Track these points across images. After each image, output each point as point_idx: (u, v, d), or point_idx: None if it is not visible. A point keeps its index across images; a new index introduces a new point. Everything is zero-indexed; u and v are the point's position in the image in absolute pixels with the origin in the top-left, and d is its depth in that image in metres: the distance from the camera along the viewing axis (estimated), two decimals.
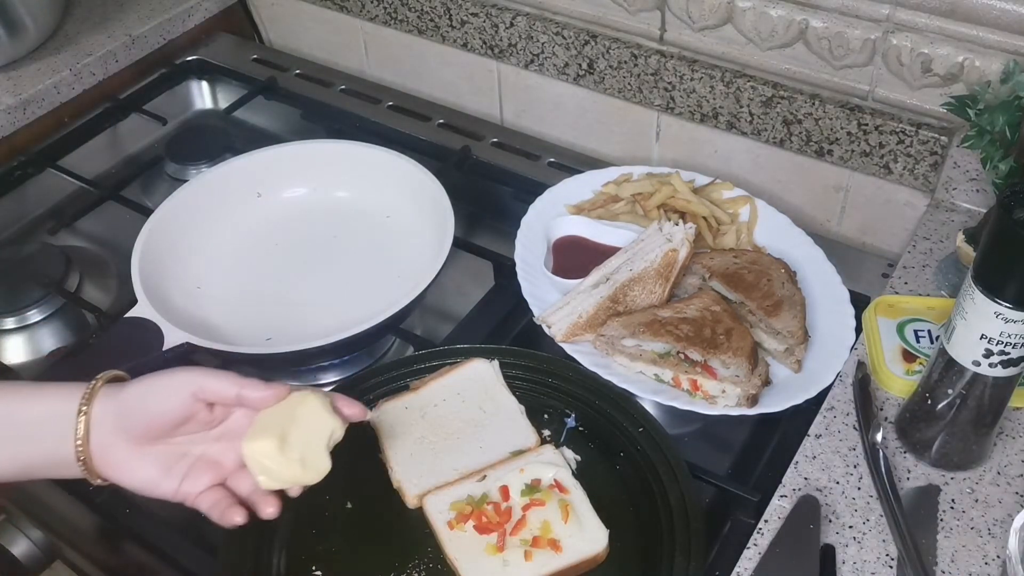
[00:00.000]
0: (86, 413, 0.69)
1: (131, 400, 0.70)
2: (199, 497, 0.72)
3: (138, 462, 0.70)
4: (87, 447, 0.69)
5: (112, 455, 0.70)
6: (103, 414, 0.69)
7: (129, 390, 0.71)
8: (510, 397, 0.92)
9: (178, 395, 0.69)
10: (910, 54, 1.00)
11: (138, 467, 0.70)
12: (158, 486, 0.71)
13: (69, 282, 1.14)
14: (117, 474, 0.70)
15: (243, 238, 1.16)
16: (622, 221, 1.09)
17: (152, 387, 0.70)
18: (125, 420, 0.69)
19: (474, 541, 0.80)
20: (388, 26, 1.39)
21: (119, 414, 0.69)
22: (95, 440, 0.69)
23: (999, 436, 0.83)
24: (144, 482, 0.71)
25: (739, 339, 0.91)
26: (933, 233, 1.04)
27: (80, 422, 0.69)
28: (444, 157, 1.26)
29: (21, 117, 1.30)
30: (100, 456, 0.70)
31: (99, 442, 0.69)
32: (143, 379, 0.71)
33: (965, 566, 0.75)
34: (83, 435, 0.69)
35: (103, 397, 0.70)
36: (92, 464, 0.70)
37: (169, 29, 1.46)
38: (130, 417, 0.70)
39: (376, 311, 0.98)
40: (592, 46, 1.19)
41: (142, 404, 0.70)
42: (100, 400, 0.70)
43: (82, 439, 0.69)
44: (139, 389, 0.71)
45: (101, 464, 0.70)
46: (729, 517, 0.88)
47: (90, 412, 0.69)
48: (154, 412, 0.70)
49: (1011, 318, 0.68)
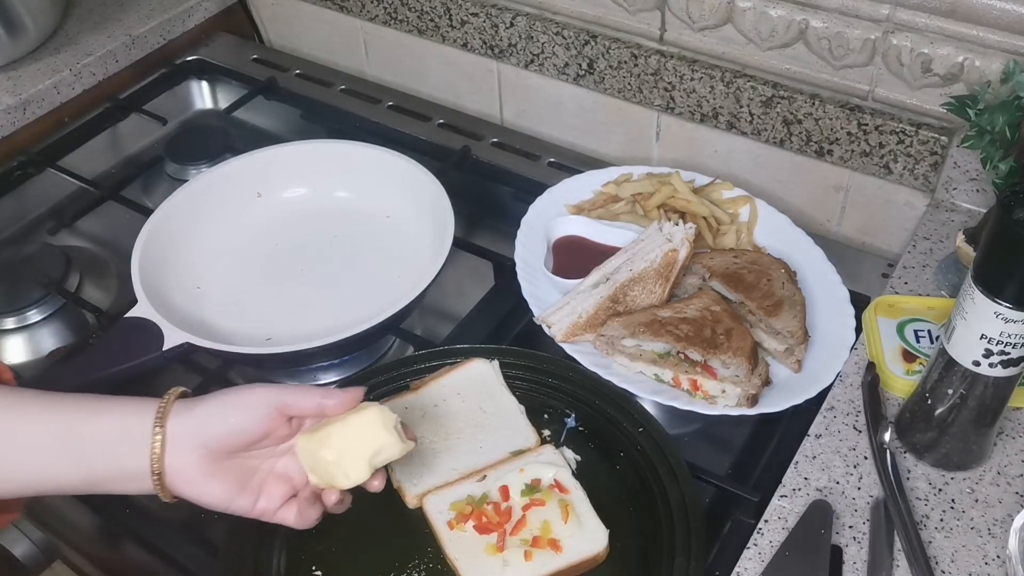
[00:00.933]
0: (162, 429, 0.69)
1: (211, 415, 0.70)
2: (279, 512, 0.73)
3: (212, 478, 0.70)
4: (162, 463, 0.69)
5: (186, 471, 0.69)
6: (178, 430, 0.69)
7: (206, 406, 0.71)
8: (510, 397, 0.92)
9: (261, 410, 0.70)
10: (910, 54, 1.00)
11: (213, 483, 0.70)
12: (232, 501, 0.71)
13: (69, 282, 1.14)
14: (191, 490, 0.70)
15: (243, 238, 1.16)
16: (622, 221, 1.09)
17: (233, 403, 0.71)
18: (203, 436, 0.69)
19: (474, 541, 0.80)
20: (388, 26, 1.39)
21: (196, 430, 0.69)
22: (170, 456, 0.69)
23: (999, 436, 0.83)
24: (218, 498, 0.71)
25: (739, 339, 0.91)
26: (933, 233, 1.04)
27: (156, 439, 0.68)
28: (444, 157, 1.26)
29: (21, 117, 1.30)
30: (174, 472, 0.69)
31: (174, 458, 0.69)
32: (221, 395, 0.72)
33: (965, 566, 0.75)
34: (159, 451, 0.68)
35: (177, 413, 0.70)
36: (165, 480, 0.69)
37: (169, 29, 1.46)
38: (209, 433, 0.70)
39: (376, 311, 0.98)
40: (592, 46, 1.19)
41: (223, 419, 0.70)
42: (174, 416, 0.70)
43: (158, 455, 0.68)
44: (219, 404, 0.71)
45: (174, 480, 0.70)
46: (729, 517, 0.88)
47: (165, 428, 0.69)
48: (236, 428, 0.70)
49: (1011, 318, 0.68)
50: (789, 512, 0.79)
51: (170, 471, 0.69)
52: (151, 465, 0.68)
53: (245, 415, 0.70)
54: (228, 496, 0.71)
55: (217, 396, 0.72)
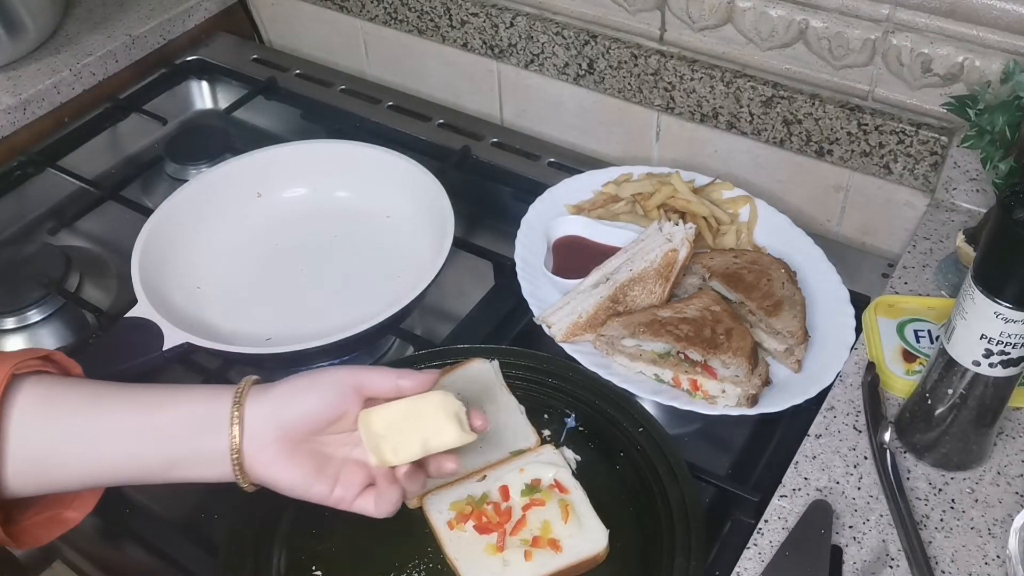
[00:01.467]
0: (240, 411, 0.70)
1: (286, 398, 0.71)
2: (357, 501, 0.73)
3: (290, 461, 0.70)
4: (240, 446, 0.69)
5: (264, 455, 0.70)
6: (255, 412, 0.70)
7: (282, 389, 0.71)
8: (510, 397, 0.92)
9: (336, 391, 0.71)
10: (910, 54, 1.00)
11: (290, 467, 0.70)
12: (310, 487, 0.71)
13: (69, 282, 1.14)
14: (268, 474, 0.70)
15: (243, 238, 1.16)
16: (622, 221, 1.09)
17: (308, 385, 0.71)
18: (279, 418, 0.70)
19: (474, 541, 0.80)
20: (388, 26, 1.39)
21: (273, 412, 0.70)
22: (248, 439, 0.69)
23: (999, 436, 0.83)
24: (296, 483, 0.71)
25: (739, 339, 0.91)
26: (933, 233, 1.04)
27: (235, 422, 0.69)
28: (444, 157, 1.26)
29: (21, 117, 1.30)
30: (252, 456, 0.70)
31: (251, 441, 0.70)
32: (296, 378, 0.72)
33: (965, 566, 0.75)
34: (238, 434, 0.69)
35: (253, 396, 0.71)
36: (244, 464, 0.70)
37: (169, 29, 1.46)
38: (285, 415, 0.70)
39: (376, 311, 0.98)
40: (592, 46, 1.19)
41: (299, 401, 0.71)
42: (251, 399, 0.70)
43: (236, 438, 0.69)
44: (294, 387, 0.71)
45: (253, 464, 0.70)
46: (729, 517, 0.88)
47: (243, 412, 0.70)
48: (311, 409, 0.70)
49: (1011, 318, 0.68)
50: (789, 512, 0.79)
51: (248, 454, 0.70)
52: (230, 448, 0.69)
53: (320, 396, 0.70)
54: (305, 481, 0.71)
55: (292, 379, 0.72)
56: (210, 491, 0.91)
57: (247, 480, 0.71)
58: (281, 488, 0.71)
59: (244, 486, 0.72)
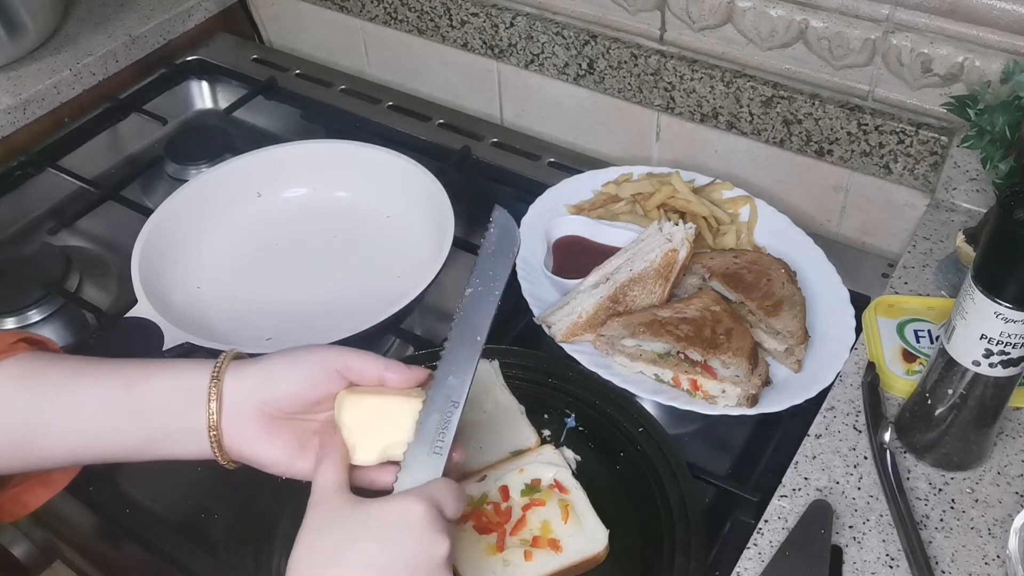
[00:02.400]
0: (218, 385, 0.68)
1: (268, 374, 0.69)
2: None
3: (270, 438, 0.68)
4: (219, 421, 0.68)
5: (245, 431, 0.68)
6: (234, 388, 0.68)
7: (264, 365, 0.69)
8: (510, 397, 0.92)
9: (319, 372, 0.68)
10: (910, 54, 1.00)
11: (271, 444, 0.68)
12: (292, 464, 0.69)
13: (69, 282, 1.14)
14: (250, 450, 0.69)
15: (243, 238, 1.16)
16: (622, 221, 1.09)
17: (292, 362, 0.69)
18: (259, 394, 0.68)
19: (474, 541, 0.80)
20: (388, 26, 1.39)
21: (254, 387, 0.68)
22: (227, 414, 0.68)
23: (999, 436, 0.83)
24: (277, 460, 0.69)
25: (739, 339, 0.91)
26: (933, 233, 1.04)
27: (212, 396, 0.67)
28: (444, 157, 1.26)
29: (21, 117, 1.30)
30: (232, 432, 0.68)
31: (230, 416, 0.68)
32: (280, 354, 0.70)
33: (965, 566, 0.75)
34: (215, 408, 0.67)
35: (233, 371, 0.69)
36: (223, 439, 0.68)
37: (169, 29, 1.46)
38: (270, 390, 0.68)
39: (376, 311, 0.98)
40: (592, 46, 1.19)
41: (280, 379, 0.69)
42: (231, 374, 0.69)
43: (215, 414, 0.67)
44: (281, 362, 0.69)
45: (233, 440, 0.68)
46: (729, 517, 0.88)
47: (222, 385, 0.68)
48: (292, 388, 0.68)
49: (1011, 318, 0.68)
50: (789, 512, 0.79)
51: (228, 432, 0.68)
52: (208, 424, 0.67)
53: (303, 375, 0.68)
54: (287, 458, 0.69)
55: (275, 355, 0.70)
56: (210, 491, 0.92)
57: (227, 458, 0.69)
58: (263, 464, 0.70)
59: (224, 463, 0.70)
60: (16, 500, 0.74)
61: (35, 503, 0.75)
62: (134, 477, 0.93)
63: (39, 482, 0.74)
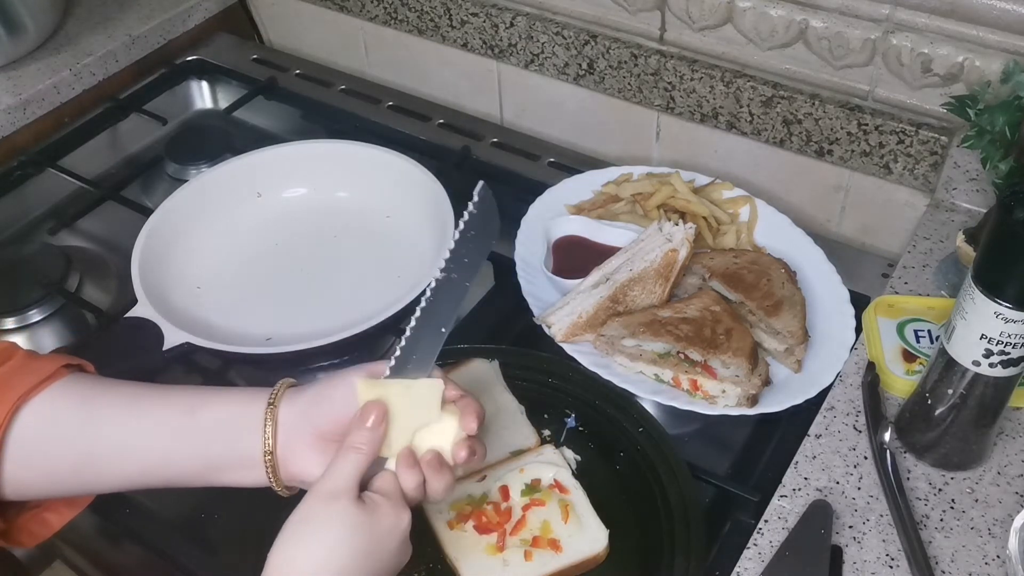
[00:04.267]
0: (274, 411, 0.70)
1: (319, 397, 0.70)
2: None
3: (323, 458, 0.69)
4: (274, 448, 0.69)
5: (298, 452, 0.70)
6: (288, 411, 0.70)
7: (319, 387, 0.71)
8: (510, 397, 0.92)
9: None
10: (910, 54, 1.00)
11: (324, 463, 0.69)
12: None
13: (69, 282, 1.14)
14: (302, 470, 0.70)
15: (243, 238, 1.16)
16: (622, 221, 1.09)
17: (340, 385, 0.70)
18: (309, 415, 0.70)
19: (474, 541, 0.80)
20: (388, 26, 1.39)
21: (304, 411, 0.70)
22: (282, 438, 0.69)
23: (999, 436, 0.83)
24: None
25: (739, 339, 0.91)
26: (933, 233, 1.04)
27: (268, 423, 0.69)
28: (444, 157, 1.26)
29: (21, 117, 1.30)
30: (285, 455, 0.70)
31: (285, 440, 0.69)
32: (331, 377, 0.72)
33: (965, 566, 0.75)
34: (271, 435, 0.69)
35: (288, 399, 0.71)
36: (278, 464, 0.70)
37: (169, 29, 1.46)
38: (319, 412, 0.70)
39: (376, 311, 0.98)
40: (592, 46, 1.19)
41: (331, 401, 0.70)
42: (285, 401, 0.70)
43: (270, 439, 0.69)
44: (330, 385, 0.71)
45: (286, 463, 0.70)
46: (729, 517, 0.88)
47: (276, 413, 0.70)
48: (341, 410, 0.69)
49: (1011, 318, 0.68)
50: (789, 512, 0.79)
51: (282, 454, 0.69)
52: (263, 447, 0.69)
53: (347, 399, 0.69)
54: None
55: (324, 380, 0.72)
56: (210, 491, 0.91)
57: (281, 484, 0.71)
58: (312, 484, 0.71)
59: (278, 490, 0.71)
60: (39, 520, 0.74)
61: (59, 523, 0.75)
62: None
63: (64, 501, 0.75)
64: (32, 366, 0.70)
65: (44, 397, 0.69)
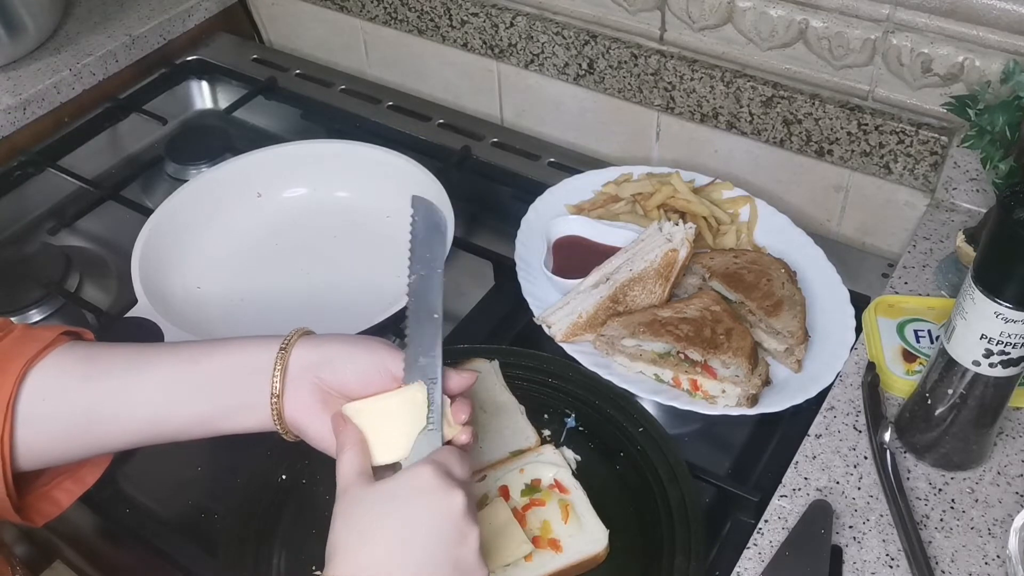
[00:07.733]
0: (283, 360, 0.70)
1: (334, 359, 0.70)
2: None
3: (323, 415, 0.69)
4: (282, 391, 0.69)
5: (302, 401, 0.70)
6: (299, 360, 0.70)
7: (331, 347, 0.71)
8: (510, 397, 0.92)
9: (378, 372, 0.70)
10: (910, 54, 1.00)
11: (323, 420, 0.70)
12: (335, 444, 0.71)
13: (69, 282, 1.14)
14: (303, 420, 0.70)
15: (243, 238, 1.16)
16: (622, 221, 1.09)
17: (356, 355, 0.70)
18: (320, 369, 0.70)
19: None
20: (388, 26, 1.39)
21: (315, 363, 0.70)
22: (289, 385, 0.69)
23: (999, 436, 0.83)
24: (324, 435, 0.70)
25: (739, 339, 0.91)
26: (933, 233, 1.04)
27: (278, 368, 0.69)
28: (444, 157, 1.26)
29: (21, 117, 1.30)
30: (291, 400, 0.70)
31: (292, 386, 0.70)
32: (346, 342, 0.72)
33: (965, 566, 0.75)
34: (279, 380, 0.69)
35: (300, 346, 0.71)
36: (284, 410, 0.70)
37: (169, 29, 1.46)
38: (326, 373, 0.70)
39: (376, 311, 0.98)
40: (592, 46, 1.19)
41: (342, 368, 0.70)
42: (298, 348, 0.70)
43: (279, 383, 0.69)
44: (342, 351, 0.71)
45: (293, 411, 0.70)
46: (729, 517, 0.88)
47: (288, 357, 0.70)
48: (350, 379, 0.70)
49: (1011, 318, 0.68)
50: (789, 512, 0.79)
51: (289, 401, 0.70)
52: (271, 389, 0.69)
53: (359, 370, 0.70)
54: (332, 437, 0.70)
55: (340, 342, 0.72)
56: (210, 491, 0.92)
57: (286, 428, 0.71)
58: (310, 438, 0.71)
59: (284, 434, 0.71)
60: (48, 498, 0.74)
61: (67, 500, 0.75)
62: (134, 477, 0.93)
63: (69, 478, 0.75)
64: (33, 335, 0.71)
65: (48, 362, 0.69)
